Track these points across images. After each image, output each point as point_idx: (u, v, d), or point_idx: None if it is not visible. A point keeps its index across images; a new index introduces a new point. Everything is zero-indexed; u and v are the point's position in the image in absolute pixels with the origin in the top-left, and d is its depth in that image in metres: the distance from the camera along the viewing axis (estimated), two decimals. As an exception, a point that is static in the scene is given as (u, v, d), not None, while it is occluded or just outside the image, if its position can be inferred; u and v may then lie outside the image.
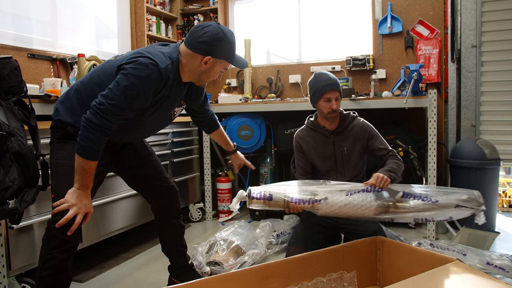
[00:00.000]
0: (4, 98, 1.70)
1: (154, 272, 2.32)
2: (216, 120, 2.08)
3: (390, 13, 3.41)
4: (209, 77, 1.68)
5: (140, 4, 3.61)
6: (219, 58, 1.60)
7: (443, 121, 3.33)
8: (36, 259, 1.90)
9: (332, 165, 2.17)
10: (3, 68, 1.72)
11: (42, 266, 1.45)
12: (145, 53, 1.52)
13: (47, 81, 2.17)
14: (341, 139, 2.16)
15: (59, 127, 1.63)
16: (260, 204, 1.85)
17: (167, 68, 1.53)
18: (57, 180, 1.57)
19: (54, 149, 1.64)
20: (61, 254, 1.45)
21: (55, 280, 1.45)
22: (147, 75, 1.47)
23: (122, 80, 1.46)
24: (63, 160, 1.58)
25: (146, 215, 2.73)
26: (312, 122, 2.25)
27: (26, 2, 2.69)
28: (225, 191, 3.41)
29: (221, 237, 2.19)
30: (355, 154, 2.16)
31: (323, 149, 2.18)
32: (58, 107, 1.66)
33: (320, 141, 2.18)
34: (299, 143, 2.25)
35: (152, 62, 1.49)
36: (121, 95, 1.45)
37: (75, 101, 1.62)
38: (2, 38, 2.45)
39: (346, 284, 1.85)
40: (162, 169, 1.94)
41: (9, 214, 1.60)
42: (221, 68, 1.66)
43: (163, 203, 1.91)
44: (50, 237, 1.45)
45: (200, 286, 1.51)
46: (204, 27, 1.58)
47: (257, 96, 3.81)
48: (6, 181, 1.58)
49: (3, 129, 1.60)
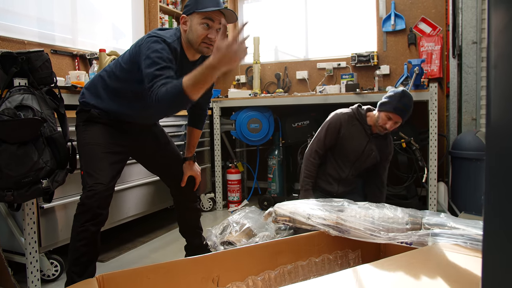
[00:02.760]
0: (37, 88, 1.87)
1: (170, 254, 2.47)
2: (203, 120, 2.12)
3: (394, 11, 3.54)
4: (194, 36, 1.66)
5: (154, 4, 3.77)
6: (190, 13, 1.65)
7: (445, 115, 3.45)
8: (62, 238, 2.08)
9: (354, 159, 2.39)
10: (36, 61, 1.89)
11: (76, 237, 1.60)
12: (151, 33, 1.65)
13: (72, 74, 2.33)
14: (374, 144, 2.38)
15: (84, 110, 1.78)
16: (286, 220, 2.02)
17: (174, 42, 1.64)
18: (85, 158, 1.71)
19: (81, 131, 1.79)
20: (93, 226, 1.60)
21: (87, 250, 1.60)
22: (162, 46, 1.58)
23: (147, 50, 1.55)
24: (89, 140, 1.73)
25: (159, 202, 2.88)
26: (360, 114, 2.38)
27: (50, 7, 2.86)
28: (235, 182, 3.55)
29: (234, 220, 2.34)
30: (374, 161, 2.41)
31: (358, 144, 2.37)
32: (84, 91, 1.83)
33: (359, 134, 2.37)
34: (341, 123, 2.34)
35: (158, 37, 1.60)
36: (156, 58, 1.52)
37: (100, 86, 1.79)
38: (29, 36, 2.63)
39: (351, 262, 1.98)
40: (180, 156, 2.09)
41: (42, 192, 1.77)
42: (199, 21, 1.64)
43: (182, 188, 2.05)
44: (84, 211, 1.60)
45: (218, 258, 1.66)
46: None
47: (266, 91, 3.95)
48: (40, 162, 1.74)
49: (37, 115, 1.77)
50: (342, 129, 2.35)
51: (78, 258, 1.59)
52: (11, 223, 1.94)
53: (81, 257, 1.59)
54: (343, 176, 2.46)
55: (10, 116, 1.67)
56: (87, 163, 1.68)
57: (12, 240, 1.97)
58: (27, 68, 1.85)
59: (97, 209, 1.59)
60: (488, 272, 0.53)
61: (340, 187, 2.49)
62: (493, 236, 0.52)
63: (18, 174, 1.67)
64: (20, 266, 1.99)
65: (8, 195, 1.67)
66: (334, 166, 2.46)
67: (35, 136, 1.74)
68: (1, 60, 1.85)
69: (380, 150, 2.41)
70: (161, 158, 2.03)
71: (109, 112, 1.77)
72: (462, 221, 1.83)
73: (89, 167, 1.65)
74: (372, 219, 1.90)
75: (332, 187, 2.49)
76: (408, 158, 3.08)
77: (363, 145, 2.35)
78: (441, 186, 3.06)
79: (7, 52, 1.86)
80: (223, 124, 3.56)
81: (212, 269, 1.63)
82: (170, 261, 1.57)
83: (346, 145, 2.36)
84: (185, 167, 2.04)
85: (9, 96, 1.77)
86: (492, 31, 0.54)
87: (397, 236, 1.79)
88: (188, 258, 1.62)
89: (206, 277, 1.61)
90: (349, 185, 2.52)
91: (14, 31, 2.54)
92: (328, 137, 2.37)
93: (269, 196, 3.46)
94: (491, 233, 0.52)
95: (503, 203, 0.50)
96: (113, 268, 2.24)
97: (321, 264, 1.90)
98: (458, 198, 3.03)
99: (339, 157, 2.43)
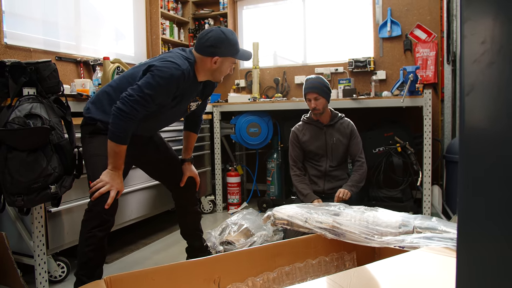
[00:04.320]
0: (45, 97, 1.94)
1: (172, 256, 2.55)
2: (199, 125, 2.25)
3: (390, 17, 3.62)
4: (221, 73, 1.93)
5: (155, 10, 3.85)
6: (225, 56, 1.85)
7: (440, 120, 3.53)
8: (68, 240, 2.15)
9: (323, 152, 2.63)
10: (44, 70, 1.96)
11: (84, 243, 1.68)
12: (168, 57, 1.78)
13: (78, 82, 2.41)
14: (332, 132, 2.62)
15: (89, 123, 1.86)
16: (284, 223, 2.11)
17: (187, 69, 1.79)
18: (93, 168, 1.79)
19: (87, 142, 1.86)
20: (100, 232, 1.68)
21: (95, 255, 1.68)
22: (170, 75, 1.72)
23: (150, 78, 1.71)
24: (96, 150, 1.81)
25: (160, 205, 2.96)
26: (307, 118, 2.72)
27: (54, 10, 2.93)
28: (235, 184, 3.63)
29: (232, 221, 2.42)
30: (342, 145, 2.62)
31: (317, 139, 2.63)
32: (89, 107, 1.89)
33: (315, 132, 2.64)
34: (296, 134, 2.69)
35: (175, 66, 1.74)
36: (148, 90, 1.69)
37: (106, 102, 1.86)
38: (34, 43, 2.71)
39: (346, 264, 2.06)
40: (179, 160, 2.19)
41: (51, 197, 1.85)
42: (230, 64, 1.91)
43: (183, 192, 2.14)
44: (91, 217, 1.68)
45: (219, 260, 1.73)
46: (207, 33, 1.83)
47: (265, 96, 4.03)
48: (49, 168, 1.82)
49: (45, 123, 1.84)
50: (300, 135, 2.67)
51: (86, 262, 1.67)
52: (20, 226, 2.02)
53: (89, 261, 1.67)
54: (323, 170, 2.65)
55: (20, 125, 1.75)
56: (94, 173, 1.76)
57: (20, 242, 2.05)
58: (35, 77, 1.92)
59: (105, 215, 1.68)
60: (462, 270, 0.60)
61: (326, 184, 2.65)
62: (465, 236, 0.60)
63: (28, 180, 1.75)
64: (27, 268, 2.07)
65: (19, 200, 1.75)
66: (312, 166, 2.68)
67: (44, 143, 1.81)
68: (10, 70, 1.92)
69: (340, 133, 2.64)
70: (162, 164, 2.12)
71: None
72: (453, 225, 1.90)
73: (97, 176, 1.73)
74: (367, 223, 1.98)
75: (317, 186, 2.66)
76: (403, 162, 3.16)
77: (323, 136, 2.63)
78: (436, 189, 3.15)
79: (16, 62, 1.93)
80: (223, 128, 3.63)
81: (213, 271, 1.70)
82: (174, 263, 1.64)
83: (311, 145, 2.64)
84: (184, 168, 2.16)
85: (19, 105, 1.84)
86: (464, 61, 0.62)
87: (390, 240, 1.86)
88: (191, 261, 1.70)
89: (208, 278, 1.69)
90: (334, 180, 2.65)
91: (21, 39, 2.62)
92: (294, 150, 2.69)
93: (268, 199, 3.54)
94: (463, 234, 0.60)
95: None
96: (117, 269, 2.32)
97: (318, 265, 1.98)
98: (452, 201, 3.11)
99: (313, 158, 2.67)
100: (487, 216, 0.56)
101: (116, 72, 2.57)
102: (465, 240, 0.60)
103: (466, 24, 0.66)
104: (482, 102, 0.61)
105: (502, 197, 0.54)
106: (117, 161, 1.72)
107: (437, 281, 1.34)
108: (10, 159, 1.73)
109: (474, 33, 0.63)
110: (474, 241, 0.59)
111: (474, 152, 0.60)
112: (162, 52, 3.94)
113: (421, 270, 1.47)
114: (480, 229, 0.58)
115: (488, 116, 0.58)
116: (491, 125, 0.58)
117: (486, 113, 0.59)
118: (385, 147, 3.17)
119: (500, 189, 0.54)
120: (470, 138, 0.60)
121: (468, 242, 0.60)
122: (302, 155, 2.69)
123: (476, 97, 0.64)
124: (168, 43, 4.11)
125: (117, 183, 1.72)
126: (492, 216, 0.56)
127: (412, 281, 1.37)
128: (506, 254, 0.54)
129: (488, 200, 0.56)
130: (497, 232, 0.55)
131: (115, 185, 1.71)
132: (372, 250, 2.14)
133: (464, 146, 0.62)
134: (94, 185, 1.69)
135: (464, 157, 0.61)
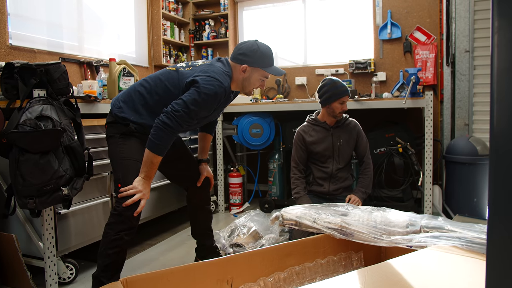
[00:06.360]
0: (55, 98, 1.94)
1: (178, 256, 2.56)
2: (215, 127, 2.32)
3: (390, 20, 3.67)
4: (250, 85, 1.94)
5: (156, 11, 3.85)
6: (254, 66, 1.88)
7: (439, 120, 3.59)
8: (76, 242, 2.16)
9: (330, 153, 2.60)
10: (55, 72, 1.96)
11: (108, 244, 1.69)
12: (212, 73, 1.80)
13: (85, 83, 2.41)
14: (339, 133, 2.61)
15: (121, 123, 1.86)
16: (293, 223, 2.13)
17: (228, 86, 1.84)
18: (124, 171, 1.79)
19: (117, 143, 1.85)
20: (127, 236, 1.71)
21: (118, 257, 1.72)
22: (214, 93, 1.76)
23: (195, 95, 1.73)
24: (127, 154, 1.82)
25: (163, 207, 2.97)
26: (313, 119, 2.68)
27: (58, 12, 2.93)
28: (236, 185, 3.65)
29: (240, 223, 2.44)
30: (349, 146, 2.62)
31: (324, 140, 2.60)
32: (122, 106, 1.88)
33: (321, 134, 2.61)
34: (301, 135, 2.64)
35: (219, 83, 1.78)
36: (193, 106, 1.72)
37: (139, 103, 1.87)
38: (39, 44, 2.70)
39: (354, 263, 2.10)
40: (195, 159, 2.22)
41: (62, 199, 1.86)
42: (259, 76, 1.92)
43: (198, 191, 2.18)
44: (121, 221, 1.70)
45: (231, 260, 1.75)
46: (243, 43, 1.90)
47: (266, 97, 4.06)
48: (60, 170, 1.82)
49: (56, 125, 1.84)
50: (306, 137, 2.63)
51: (108, 264, 1.69)
52: (29, 228, 2.02)
53: (111, 264, 1.69)
54: (329, 172, 2.62)
55: (32, 127, 1.75)
56: (125, 176, 1.77)
57: (30, 245, 2.05)
58: (45, 79, 1.92)
59: (134, 220, 1.70)
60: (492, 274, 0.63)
61: (331, 185, 2.63)
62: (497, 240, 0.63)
63: (40, 182, 1.75)
64: (36, 270, 2.07)
65: (31, 202, 1.75)
66: (318, 168, 2.65)
67: (56, 145, 1.81)
68: (20, 72, 1.91)
69: (347, 134, 2.63)
70: (181, 164, 2.15)
71: (146, 127, 1.86)
72: (458, 224, 1.95)
73: (127, 180, 1.75)
74: (375, 222, 2.01)
75: (323, 187, 2.63)
76: (404, 162, 3.21)
77: (329, 138, 2.61)
78: (436, 189, 3.20)
79: (26, 64, 1.92)
80: (225, 129, 3.65)
81: (226, 271, 1.72)
82: (188, 264, 1.66)
83: (317, 147, 2.60)
84: (201, 168, 2.21)
85: (29, 106, 1.84)
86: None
87: (398, 239, 1.90)
88: (204, 261, 1.72)
89: (221, 279, 1.71)
90: (339, 181, 2.64)
91: (25, 40, 2.61)
92: (298, 152, 2.64)
93: (269, 199, 3.57)
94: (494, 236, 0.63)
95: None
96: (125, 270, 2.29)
97: (327, 265, 2.01)
98: (451, 201, 3.17)
99: (318, 159, 2.64)
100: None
101: (122, 73, 2.57)
102: (496, 242, 0.63)
103: (498, 34, 0.69)
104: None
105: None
106: (151, 170, 1.76)
107: (450, 277, 1.37)
108: (22, 161, 1.73)
109: (506, 43, 0.67)
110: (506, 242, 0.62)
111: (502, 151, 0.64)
112: (163, 53, 3.95)
113: (433, 267, 1.50)
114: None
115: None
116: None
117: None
118: (387, 148, 3.21)
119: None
120: (498, 139, 0.64)
121: (500, 244, 0.63)
122: (305, 157, 2.66)
123: (507, 105, 0.67)
124: (169, 44, 4.11)
125: (148, 192, 1.76)
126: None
127: (426, 276, 1.40)
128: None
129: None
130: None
131: (146, 194, 1.75)
132: (378, 250, 2.18)
133: (494, 149, 0.66)
134: (126, 191, 1.71)
135: (493, 158, 0.65)
